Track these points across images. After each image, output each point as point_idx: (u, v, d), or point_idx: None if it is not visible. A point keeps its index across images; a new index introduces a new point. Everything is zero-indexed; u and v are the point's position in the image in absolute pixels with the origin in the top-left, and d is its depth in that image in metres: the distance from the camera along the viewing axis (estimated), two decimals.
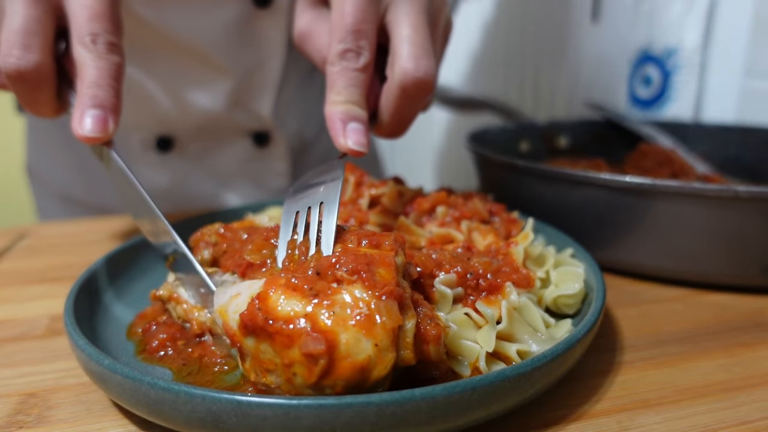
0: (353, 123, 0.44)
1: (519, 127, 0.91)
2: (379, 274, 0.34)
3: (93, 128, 0.43)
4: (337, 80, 0.45)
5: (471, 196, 0.55)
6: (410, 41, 0.45)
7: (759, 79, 0.92)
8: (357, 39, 0.45)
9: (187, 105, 0.77)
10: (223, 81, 0.77)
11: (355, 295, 0.33)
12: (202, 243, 0.46)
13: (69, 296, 0.42)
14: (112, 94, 0.45)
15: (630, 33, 1.08)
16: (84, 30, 0.45)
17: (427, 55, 0.45)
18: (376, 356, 0.31)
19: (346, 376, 0.31)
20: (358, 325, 0.32)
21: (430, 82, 0.45)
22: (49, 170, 0.91)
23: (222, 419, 0.30)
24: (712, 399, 0.39)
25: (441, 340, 0.35)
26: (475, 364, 0.37)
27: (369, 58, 0.46)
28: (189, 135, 0.81)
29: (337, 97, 0.45)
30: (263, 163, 0.86)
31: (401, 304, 0.34)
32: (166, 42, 0.72)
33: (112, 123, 0.45)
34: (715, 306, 0.53)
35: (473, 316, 0.40)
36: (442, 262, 0.42)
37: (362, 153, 0.44)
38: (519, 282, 0.43)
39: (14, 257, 0.67)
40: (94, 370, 0.34)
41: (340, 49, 0.45)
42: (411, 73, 0.45)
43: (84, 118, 0.43)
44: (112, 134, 0.45)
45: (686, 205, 0.52)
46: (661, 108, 1.04)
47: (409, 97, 0.46)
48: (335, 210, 0.40)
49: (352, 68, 0.45)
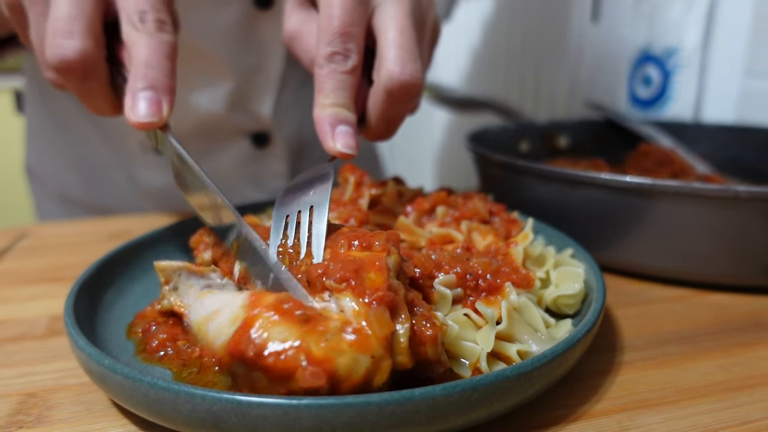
0: (342, 126, 0.44)
1: (519, 127, 0.91)
2: (369, 279, 0.34)
3: (146, 112, 0.41)
4: (325, 83, 0.45)
5: (471, 196, 0.55)
6: (396, 45, 0.45)
7: (759, 79, 0.92)
8: (345, 42, 0.45)
9: (187, 105, 0.77)
10: (224, 82, 0.77)
11: (345, 308, 0.32)
12: (202, 245, 0.46)
13: (69, 296, 0.42)
14: (165, 73, 0.42)
15: (630, 33, 1.08)
16: (131, 8, 0.43)
17: (413, 59, 0.45)
18: (373, 367, 0.31)
19: (348, 392, 0.31)
20: (352, 345, 0.31)
21: (417, 85, 0.45)
22: (48, 170, 0.91)
23: (222, 419, 0.30)
24: (712, 399, 0.39)
25: (438, 340, 0.35)
26: (476, 365, 0.37)
27: (357, 61, 0.45)
28: (188, 135, 0.81)
29: (326, 100, 0.45)
30: (262, 163, 0.87)
31: (393, 308, 0.33)
32: None
33: (167, 105, 0.42)
34: (715, 306, 0.53)
35: (473, 317, 0.40)
36: (442, 262, 0.42)
37: (351, 155, 0.44)
38: (519, 282, 0.43)
39: (14, 257, 0.67)
40: (94, 370, 0.34)
41: (327, 52, 0.45)
42: (397, 76, 0.45)
43: (136, 102, 0.41)
44: (167, 118, 0.42)
45: (686, 205, 0.52)
46: (661, 108, 1.04)
47: (396, 100, 0.46)
48: (325, 214, 0.40)
49: (339, 71, 0.45)
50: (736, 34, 0.94)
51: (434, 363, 0.35)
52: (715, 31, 0.97)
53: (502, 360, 0.38)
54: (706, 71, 0.99)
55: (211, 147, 0.84)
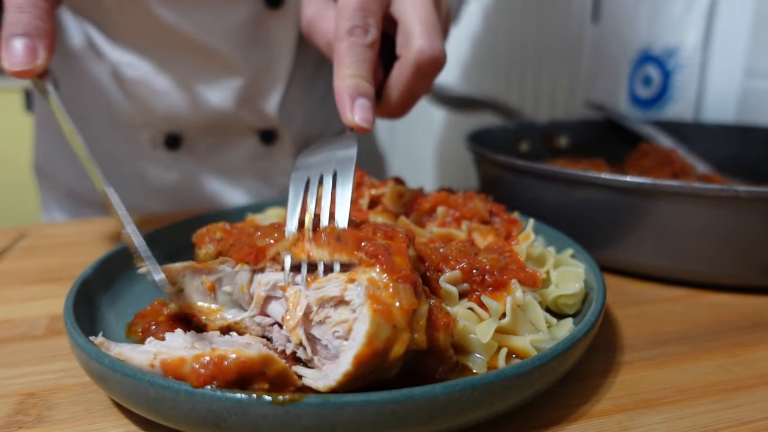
0: (361, 99, 0.45)
1: (519, 127, 0.91)
2: (396, 261, 0.35)
3: (20, 60, 0.38)
4: (345, 55, 0.46)
5: (471, 196, 0.55)
6: (424, 21, 0.47)
7: (759, 79, 0.92)
8: (365, 16, 0.46)
9: (197, 103, 0.78)
10: (234, 79, 0.78)
11: (374, 278, 0.34)
12: (207, 238, 0.46)
13: (69, 296, 0.42)
14: (38, 15, 0.39)
15: (630, 33, 1.08)
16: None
17: (439, 35, 0.48)
18: (393, 336, 0.32)
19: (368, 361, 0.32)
20: (377, 312, 0.32)
21: (443, 59, 0.48)
22: (57, 168, 0.91)
23: (222, 417, 0.30)
24: (712, 399, 0.39)
25: (450, 328, 0.36)
26: (493, 362, 0.38)
27: (376, 35, 0.47)
28: (197, 133, 0.82)
29: (346, 71, 0.45)
30: (270, 160, 0.87)
31: (416, 290, 0.35)
32: (180, 41, 0.73)
33: (43, 50, 0.39)
34: (715, 306, 0.53)
35: (477, 311, 0.40)
36: (449, 256, 0.43)
37: (367, 129, 0.45)
38: (525, 280, 0.43)
39: (14, 257, 0.67)
40: (94, 370, 0.34)
41: (348, 26, 0.46)
42: (427, 51, 0.46)
43: (10, 49, 0.38)
44: (44, 64, 0.39)
45: (686, 205, 0.52)
46: (662, 108, 1.04)
47: (423, 74, 0.48)
48: (351, 178, 0.40)
49: (360, 44, 0.46)
50: (736, 34, 0.94)
51: (442, 353, 0.36)
52: (715, 31, 0.97)
53: (517, 353, 0.39)
54: (706, 71, 0.99)
55: (221, 143, 0.85)
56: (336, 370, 0.33)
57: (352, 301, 0.34)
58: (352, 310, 0.34)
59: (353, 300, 0.34)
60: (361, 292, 0.34)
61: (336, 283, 0.35)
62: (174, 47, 0.74)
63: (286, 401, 0.29)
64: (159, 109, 0.79)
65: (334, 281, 0.36)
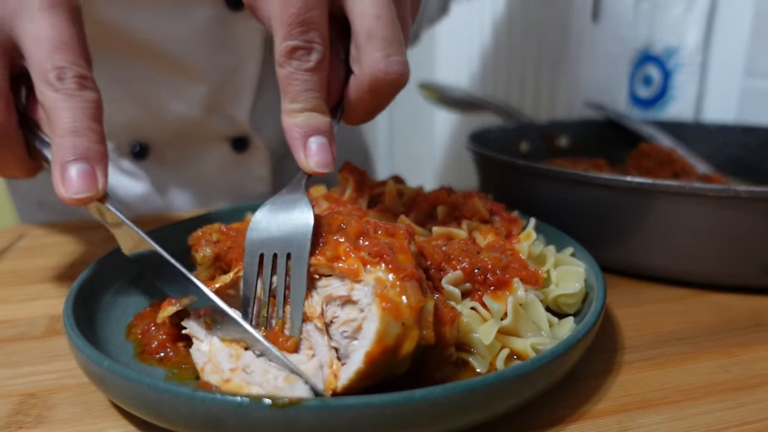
0: (315, 137, 0.40)
1: (519, 127, 0.91)
2: (400, 259, 0.35)
3: (80, 187, 0.37)
4: (289, 85, 0.39)
5: (471, 195, 0.55)
6: (376, 36, 0.39)
7: (759, 78, 0.92)
8: (305, 32, 0.38)
9: (160, 111, 0.75)
10: (198, 86, 0.74)
11: (380, 278, 0.34)
12: (203, 241, 0.46)
13: (68, 296, 0.42)
14: (95, 139, 0.38)
15: (630, 33, 1.08)
16: (47, 66, 0.38)
17: (398, 50, 0.40)
18: (403, 334, 0.33)
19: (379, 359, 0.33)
20: (386, 310, 0.33)
21: (405, 77, 0.40)
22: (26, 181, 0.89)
23: (222, 420, 0.30)
24: (712, 399, 0.39)
25: (456, 323, 0.36)
26: (493, 362, 0.38)
27: (322, 53, 0.39)
28: (164, 141, 0.79)
29: (293, 106, 0.40)
30: (243, 168, 0.84)
31: (421, 286, 0.35)
32: (134, 46, 0.69)
33: (101, 175, 0.38)
34: (715, 306, 0.53)
35: (480, 311, 0.40)
36: (451, 255, 0.43)
37: (328, 172, 0.40)
38: (527, 279, 0.43)
39: (14, 257, 0.67)
40: (94, 372, 0.34)
41: (287, 47, 0.39)
42: (382, 75, 0.39)
43: (67, 177, 0.36)
44: (103, 189, 0.38)
45: (686, 205, 0.52)
46: (662, 108, 1.04)
47: (381, 95, 0.41)
48: (304, 269, 0.36)
49: (304, 69, 0.39)
50: (736, 34, 0.94)
51: (447, 347, 0.36)
52: (715, 31, 0.97)
53: (517, 355, 0.39)
54: (706, 71, 0.99)
55: (191, 153, 0.81)
56: (348, 369, 0.33)
57: (360, 301, 0.34)
58: (360, 310, 0.34)
59: (361, 300, 0.34)
60: (369, 291, 0.34)
61: (342, 282, 0.36)
62: (127, 53, 0.70)
63: (286, 404, 0.29)
64: (118, 118, 0.75)
65: (338, 281, 0.36)
